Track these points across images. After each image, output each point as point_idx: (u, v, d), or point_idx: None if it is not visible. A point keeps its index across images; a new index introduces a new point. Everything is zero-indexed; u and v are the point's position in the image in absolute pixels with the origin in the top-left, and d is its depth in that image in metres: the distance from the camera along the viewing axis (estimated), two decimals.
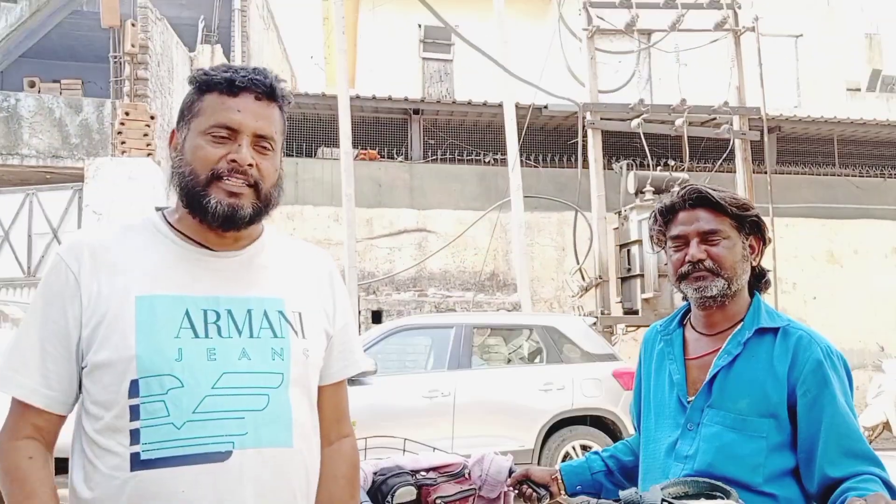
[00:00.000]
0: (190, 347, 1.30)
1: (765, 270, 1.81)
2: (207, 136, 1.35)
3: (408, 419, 6.67)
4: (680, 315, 1.86)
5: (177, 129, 1.42)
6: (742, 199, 1.73)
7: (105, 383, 1.28)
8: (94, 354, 1.29)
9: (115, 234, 1.39)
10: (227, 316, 1.34)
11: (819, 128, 13.21)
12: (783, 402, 1.60)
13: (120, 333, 1.28)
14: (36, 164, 11.28)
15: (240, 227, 1.37)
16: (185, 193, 1.37)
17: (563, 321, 7.92)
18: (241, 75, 1.37)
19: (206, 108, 1.36)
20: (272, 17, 17.50)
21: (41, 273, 10.11)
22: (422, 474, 1.87)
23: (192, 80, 1.42)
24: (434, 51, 15.73)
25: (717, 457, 1.60)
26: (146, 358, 1.27)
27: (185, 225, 1.40)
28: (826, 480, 1.54)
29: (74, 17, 15.92)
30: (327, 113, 11.61)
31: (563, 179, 11.60)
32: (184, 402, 1.27)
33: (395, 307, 10.37)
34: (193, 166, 1.35)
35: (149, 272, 1.34)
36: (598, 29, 10.09)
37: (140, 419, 1.26)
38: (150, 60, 10.08)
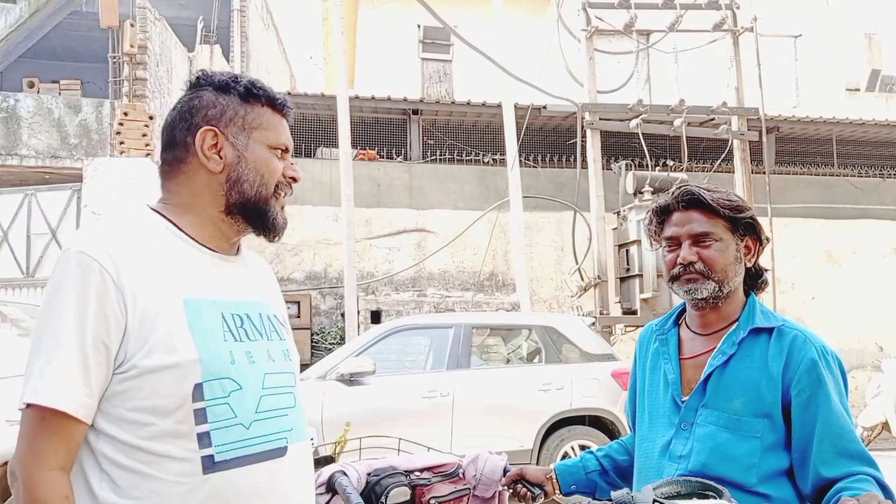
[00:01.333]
0: (236, 350, 1.34)
1: (762, 270, 1.81)
2: (274, 150, 1.44)
3: (407, 419, 6.67)
4: (675, 314, 1.87)
5: (221, 131, 1.40)
6: (736, 201, 1.72)
7: (157, 388, 1.24)
8: (144, 359, 1.24)
9: (133, 234, 1.34)
10: (248, 319, 1.40)
11: (818, 128, 13.21)
12: (777, 402, 1.60)
13: (177, 336, 1.26)
14: (35, 165, 11.28)
15: (280, 238, 1.50)
16: (247, 201, 1.41)
17: (562, 321, 7.92)
18: (286, 99, 1.49)
19: (269, 124, 1.44)
20: (271, 18, 17.51)
21: (41, 273, 10.13)
22: (416, 474, 1.86)
23: (227, 85, 1.43)
24: (433, 51, 15.72)
25: (712, 457, 1.60)
26: (208, 361, 1.28)
27: (195, 228, 1.41)
28: (820, 480, 1.54)
29: (73, 17, 15.93)
30: (326, 113, 11.61)
31: (562, 179, 11.60)
32: (246, 403, 1.32)
33: (394, 307, 10.37)
34: (265, 177, 1.42)
35: (182, 275, 1.34)
36: (597, 29, 10.09)
37: (208, 422, 1.27)
38: (149, 61, 10.07)
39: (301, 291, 10.85)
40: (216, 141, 1.40)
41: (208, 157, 1.39)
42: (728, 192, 1.75)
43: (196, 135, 1.39)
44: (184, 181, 1.42)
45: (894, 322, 11.89)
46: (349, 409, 6.48)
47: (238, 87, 1.42)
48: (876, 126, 13.22)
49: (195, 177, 1.41)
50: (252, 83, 1.44)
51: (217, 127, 1.40)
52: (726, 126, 10.51)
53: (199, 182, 1.41)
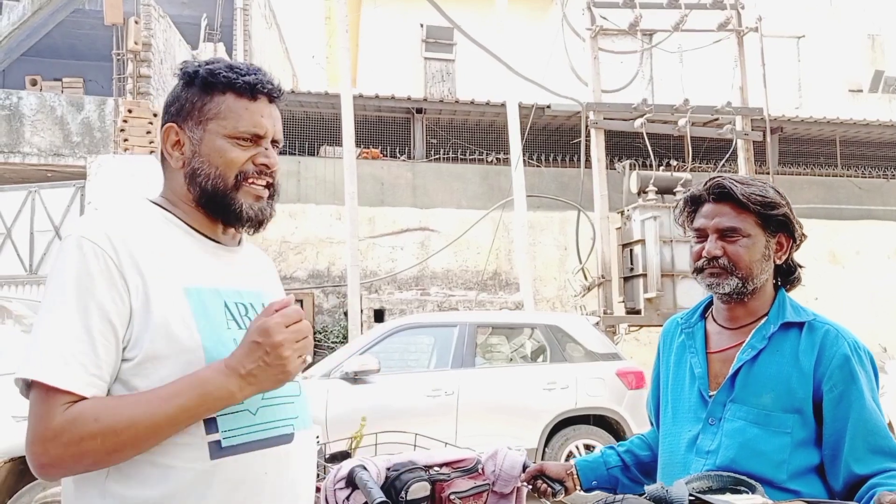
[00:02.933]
0: (239, 338, 1.31)
1: (795, 266, 1.77)
2: (232, 140, 1.37)
3: (411, 418, 6.64)
4: (702, 308, 1.84)
5: (179, 126, 1.38)
6: (770, 197, 1.67)
7: (162, 375, 1.23)
8: (150, 344, 1.22)
9: (133, 222, 1.32)
10: (252, 308, 1.39)
11: (821, 129, 13.19)
12: (808, 397, 1.57)
13: (180, 324, 1.25)
14: (37, 162, 11.29)
15: (263, 228, 1.44)
16: (206, 195, 1.37)
17: (566, 320, 7.90)
18: (257, 79, 1.39)
19: (227, 112, 1.37)
20: (274, 16, 17.50)
21: (44, 270, 10.09)
22: (435, 469, 1.84)
23: (192, 76, 1.38)
24: (436, 51, 15.70)
25: (741, 452, 1.57)
26: (212, 348, 1.27)
27: (192, 219, 1.39)
28: (852, 477, 1.51)
29: (76, 15, 15.92)
30: (329, 112, 11.59)
31: (566, 179, 11.58)
32: None
33: (397, 306, 10.35)
34: (220, 169, 1.37)
35: (183, 264, 1.32)
36: (602, 28, 10.07)
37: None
38: (153, 58, 10.06)
39: (304, 290, 10.83)
40: (178, 138, 1.38)
41: (170, 155, 1.39)
42: (764, 186, 1.70)
43: (161, 132, 1.40)
44: (167, 176, 1.43)
45: None
46: (354, 407, 6.45)
47: (198, 77, 1.38)
48: (880, 127, 13.20)
49: (170, 173, 1.42)
50: (211, 70, 1.38)
51: (177, 123, 1.38)
52: (730, 126, 10.49)
53: (173, 178, 1.41)
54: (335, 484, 1.71)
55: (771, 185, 1.72)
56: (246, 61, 10.22)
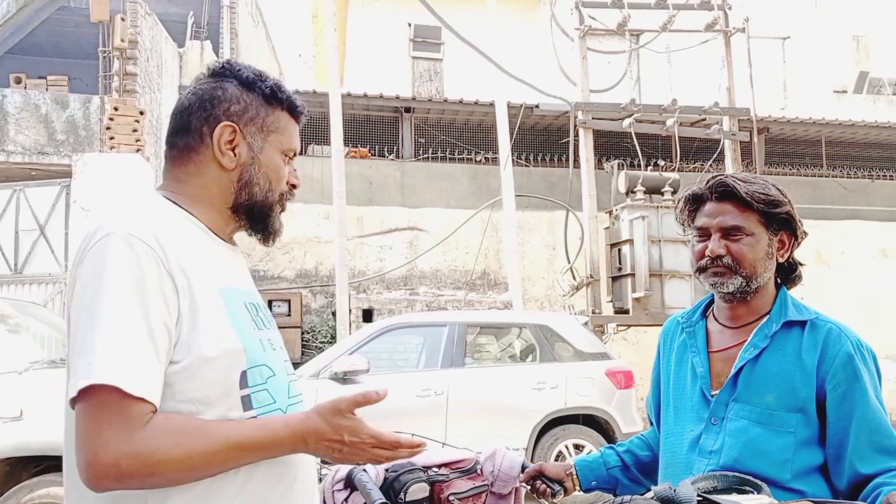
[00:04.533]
0: (262, 338, 1.35)
1: (797, 265, 1.76)
2: (283, 156, 1.42)
3: (401, 418, 6.61)
4: (703, 306, 1.83)
5: (241, 129, 1.37)
6: (773, 195, 1.66)
7: (208, 378, 1.22)
8: (200, 348, 1.21)
9: (167, 221, 1.30)
10: (260, 309, 1.42)
11: (807, 129, 13.27)
12: (812, 396, 1.56)
13: (222, 325, 1.26)
14: (22, 161, 11.17)
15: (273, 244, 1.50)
16: (254, 203, 1.39)
17: (556, 320, 7.91)
18: (303, 104, 1.48)
19: (284, 129, 1.42)
20: (261, 14, 17.42)
21: (29, 269, 10.00)
22: (434, 470, 1.82)
23: (251, 82, 1.39)
24: (424, 50, 15.69)
25: (744, 452, 1.56)
26: (250, 349, 1.29)
27: (208, 218, 1.38)
28: (856, 476, 1.51)
29: (61, 13, 15.79)
30: (317, 110, 11.54)
31: (555, 179, 11.59)
32: (280, 388, 1.34)
33: (385, 306, 10.32)
34: (273, 183, 1.40)
35: (213, 264, 1.32)
36: (590, 28, 10.09)
37: (254, 408, 1.27)
38: (140, 56, 9.98)
39: (292, 290, 10.78)
40: (233, 137, 1.36)
41: (223, 153, 1.36)
42: (766, 184, 1.69)
43: (215, 127, 1.36)
44: (193, 171, 1.38)
45: (883, 322, 11.95)
46: None
47: (263, 88, 1.40)
48: (864, 127, 13.30)
49: (206, 169, 1.38)
50: (277, 86, 1.42)
51: (237, 124, 1.37)
52: (717, 126, 10.54)
53: (209, 175, 1.37)
54: (333, 485, 1.69)
55: (773, 183, 1.72)
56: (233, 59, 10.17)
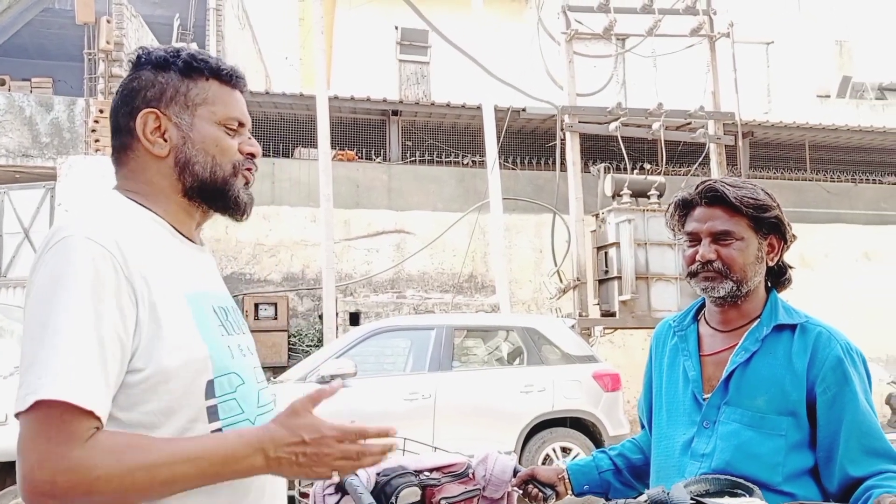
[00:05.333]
0: (231, 344, 1.29)
1: (786, 268, 1.78)
2: (223, 126, 1.34)
3: (388, 422, 6.52)
4: (694, 310, 1.84)
5: (163, 112, 1.29)
6: (762, 199, 1.68)
7: (171, 388, 1.17)
8: (161, 358, 1.16)
9: (129, 224, 1.24)
10: (230, 312, 1.36)
11: (791, 133, 13.37)
12: (802, 399, 1.57)
13: (187, 332, 1.20)
14: (6, 164, 11.08)
15: (248, 216, 1.39)
16: (202, 183, 1.32)
17: (543, 322, 7.92)
18: (235, 69, 1.38)
19: (215, 98, 1.33)
20: (247, 17, 17.36)
21: (13, 273, 9.91)
22: (425, 474, 1.82)
23: (168, 60, 1.32)
24: (411, 53, 15.70)
25: (736, 455, 1.57)
26: (217, 357, 1.23)
27: (171, 217, 1.32)
28: (847, 479, 1.52)
29: (45, 14, 15.66)
30: (304, 113, 11.52)
31: (541, 182, 11.62)
32: (249, 397, 1.29)
33: (373, 309, 10.30)
34: (216, 157, 1.32)
35: (177, 268, 1.26)
36: (577, 32, 10.12)
37: (220, 419, 1.22)
38: (125, 58, 9.92)
39: (278, 293, 10.74)
40: (159, 123, 1.30)
41: (152, 142, 1.30)
42: (755, 188, 1.70)
43: (136, 118, 1.30)
44: (136, 168, 1.32)
45: (867, 325, 12.05)
46: (330, 411, 6.37)
47: (178, 62, 1.32)
48: (848, 131, 13.41)
49: (145, 163, 1.31)
50: (192, 55, 1.33)
51: (158, 108, 1.30)
52: (703, 130, 10.60)
53: (151, 168, 1.31)
54: (324, 490, 1.68)
55: (762, 187, 1.73)
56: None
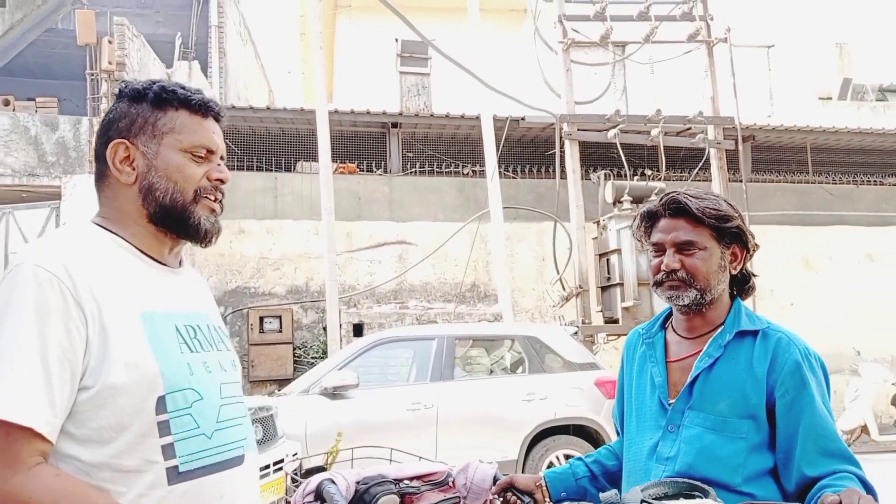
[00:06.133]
0: (193, 361, 1.34)
1: (749, 276, 1.83)
2: (188, 154, 1.39)
3: (391, 432, 6.63)
4: (662, 318, 1.89)
5: (130, 141, 1.37)
6: (724, 210, 1.73)
7: (120, 404, 1.22)
8: (109, 376, 1.21)
9: (85, 249, 1.31)
10: (199, 331, 1.41)
11: (792, 136, 13.39)
12: (762, 403, 1.62)
13: (137, 351, 1.25)
14: (12, 183, 11.20)
15: (215, 242, 1.45)
16: (164, 209, 1.37)
17: (544, 331, 7.95)
18: (208, 98, 1.43)
19: (182, 127, 1.39)
20: (249, 33, 17.51)
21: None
22: (405, 483, 1.86)
23: (141, 93, 1.39)
24: (411, 65, 15.80)
25: (698, 458, 1.62)
26: (169, 374, 1.27)
27: (139, 241, 1.38)
28: (804, 479, 1.56)
29: (49, 34, 15.83)
30: (306, 127, 11.61)
31: (542, 190, 11.66)
32: (207, 413, 1.33)
33: (376, 320, 10.35)
34: (179, 184, 1.37)
35: (135, 289, 1.32)
36: (573, 41, 10.19)
37: (172, 433, 1.27)
38: (127, 77, 10.04)
39: (283, 306, 10.81)
40: (128, 153, 1.37)
41: (120, 171, 1.37)
42: (717, 199, 1.76)
43: (107, 149, 1.37)
44: (110, 195, 1.40)
45: (871, 326, 12.04)
46: (333, 423, 6.45)
47: (149, 94, 1.39)
48: (849, 134, 13.42)
49: (116, 191, 1.38)
50: (163, 87, 1.39)
51: (127, 138, 1.37)
52: (703, 135, 10.63)
53: (121, 196, 1.38)
54: (304, 498, 1.73)
55: (724, 198, 1.79)
56: (221, 79, 10.14)
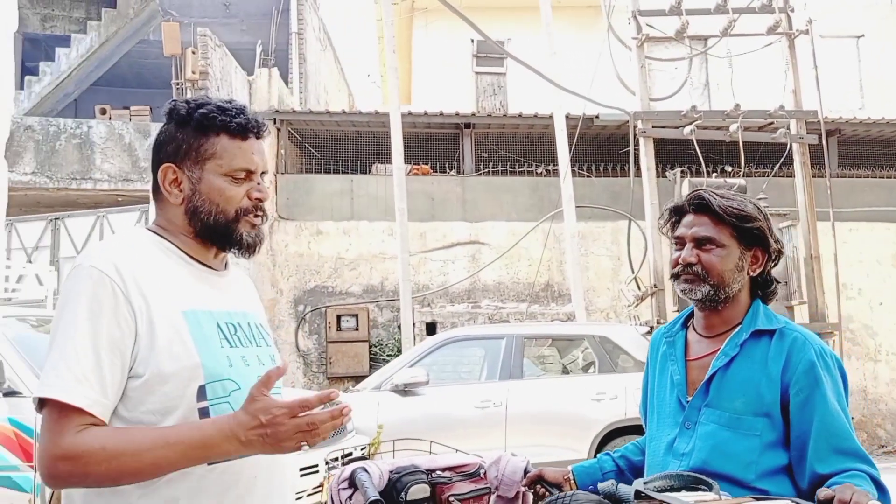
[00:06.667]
0: (232, 355, 1.48)
1: (772, 280, 1.84)
2: (228, 177, 1.51)
3: (460, 429, 6.74)
4: (684, 318, 1.93)
5: (177, 166, 1.50)
6: (748, 210, 1.75)
7: (166, 391, 1.37)
8: (156, 365, 1.37)
9: (137, 252, 1.46)
10: (240, 328, 1.55)
11: (881, 129, 12.82)
12: (776, 401, 1.65)
13: (180, 344, 1.40)
14: (108, 188, 11.85)
15: (256, 253, 1.59)
16: (208, 228, 1.52)
17: (615, 331, 7.91)
18: (247, 120, 1.53)
19: (223, 152, 1.51)
20: (328, 39, 17.92)
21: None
22: (437, 473, 1.95)
23: (186, 117, 1.51)
24: (487, 65, 15.86)
25: (712, 454, 1.66)
26: (209, 366, 1.42)
27: (187, 247, 1.53)
28: (816, 477, 1.58)
29: (141, 45, 16.61)
30: (381, 130, 11.83)
31: (618, 188, 11.54)
32: (243, 401, 1.42)
33: (449, 319, 10.48)
34: (220, 205, 1.51)
35: (180, 289, 1.47)
36: (648, 37, 10.05)
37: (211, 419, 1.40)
38: (211, 85, 10.48)
39: (359, 305, 11.06)
40: (175, 176, 1.51)
41: (169, 192, 1.51)
42: (743, 200, 1.78)
43: (158, 171, 1.52)
44: (161, 208, 1.56)
45: None
46: (403, 418, 6.59)
47: (192, 119, 1.51)
48: None
49: (167, 206, 1.54)
50: (204, 114, 1.50)
51: (174, 162, 1.51)
52: (784, 130, 10.31)
53: (171, 211, 1.53)
54: (339, 485, 1.84)
55: (752, 200, 1.81)
56: (301, 84, 10.38)
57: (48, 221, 11.28)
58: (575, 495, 1.40)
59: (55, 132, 11.81)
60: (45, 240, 11.19)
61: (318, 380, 10.84)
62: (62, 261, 10.95)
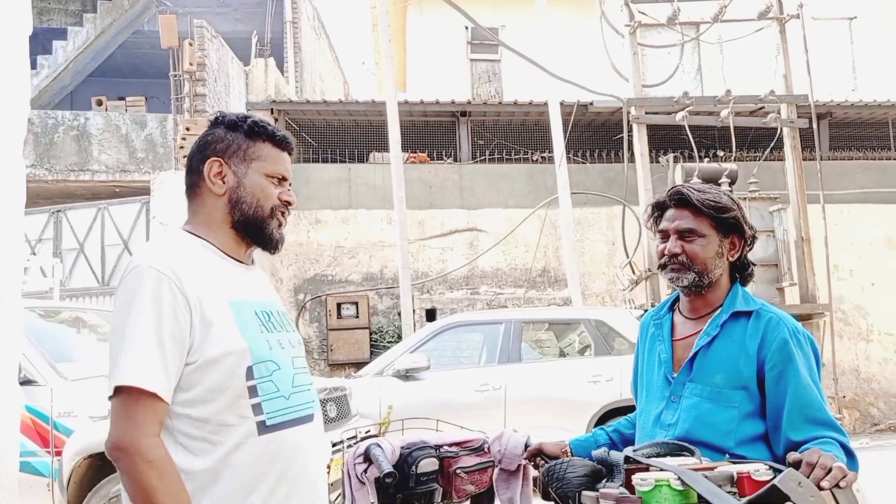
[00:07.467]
0: (270, 339, 1.69)
1: (748, 264, 2.03)
2: (271, 178, 1.76)
3: (461, 412, 6.85)
4: (671, 301, 2.10)
5: (224, 161, 1.73)
6: (723, 202, 1.93)
7: (219, 372, 1.57)
8: (209, 350, 1.57)
9: (184, 252, 1.66)
10: (272, 315, 1.77)
11: (872, 112, 12.96)
12: (753, 376, 1.82)
13: (229, 331, 1.60)
14: (106, 179, 11.93)
15: (279, 250, 1.82)
16: (246, 218, 1.73)
17: (611, 314, 8.06)
18: (285, 136, 1.81)
19: (268, 157, 1.77)
20: (323, 27, 17.96)
21: (115, 282, 10.68)
22: (444, 448, 2.12)
23: (237, 123, 1.76)
24: (482, 52, 15.93)
25: (695, 424, 1.83)
26: (255, 349, 1.63)
27: (221, 243, 1.74)
28: (790, 444, 1.75)
29: (136, 36, 16.63)
30: (377, 119, 11.93)
31: (612, 174, 11.69)
32: (284, 379, 1.68)
33: (448, 305, 10.64)
34: (260, 200, 1.74)
35: (223, 282, 1.67)
36: (640, 24, 10.17)
37: (259, 396, 1.62)
38: (208, 77, 10.56)
39: (359, 292, 11.21)
40: (221, 169, 1.73)
41: (213, 183, 1.73)
42: (717, 192, 1.97)
43: (205, 164, 1.73)
44: (200, 202, 1.76)
45: None
46: (406, 402, 6.74)
47: (244, 126, 1.75)
48: None
49: (207, 198, 1.74)
50: (256, 122, 1.76)
51: (222, 158, 1.73)
52: (775, 115, 10.45)
53: (210, 203, 1.74)
54: (355, 459, 2.00)
55: (726, 192, 1.99)
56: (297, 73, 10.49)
57: (50, 214, 11.39)
58: (571, 461, 1.56)
59: (53, 124, 11.88)
60: (48, 232, 11.31)
61: (320, 367, 11.01)
62: (65, 252, 11.08)
